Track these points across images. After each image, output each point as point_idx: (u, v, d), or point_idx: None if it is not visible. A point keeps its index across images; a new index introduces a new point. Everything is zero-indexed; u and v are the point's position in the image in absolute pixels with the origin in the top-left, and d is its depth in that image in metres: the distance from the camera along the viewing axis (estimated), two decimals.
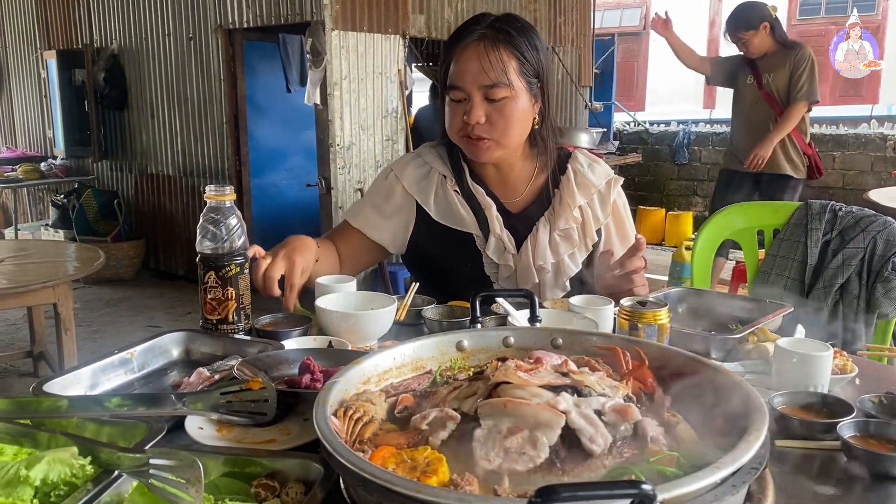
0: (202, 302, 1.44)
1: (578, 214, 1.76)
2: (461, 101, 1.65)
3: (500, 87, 1.61)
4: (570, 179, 1.77)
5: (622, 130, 9.40)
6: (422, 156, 1.85)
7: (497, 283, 1.76)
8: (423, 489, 0.69)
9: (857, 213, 2.33)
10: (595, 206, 1.78)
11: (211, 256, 1.42)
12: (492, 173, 1.80)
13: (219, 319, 1.43)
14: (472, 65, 1.61)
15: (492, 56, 1.61)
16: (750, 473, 0.74)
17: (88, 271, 3.67)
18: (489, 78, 1.61)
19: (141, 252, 6.88)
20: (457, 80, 1.64)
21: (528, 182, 1.80)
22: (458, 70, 1.63)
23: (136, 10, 6.64)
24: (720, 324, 1.55)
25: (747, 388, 0.87)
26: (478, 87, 1.62)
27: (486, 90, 1.62)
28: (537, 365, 0.96)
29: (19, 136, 8.70)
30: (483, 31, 1.63)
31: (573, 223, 1.75)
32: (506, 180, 1.80)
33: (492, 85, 1.61)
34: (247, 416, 1.03)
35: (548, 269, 1.74)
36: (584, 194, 1.77)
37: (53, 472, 0.80)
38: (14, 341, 5.10)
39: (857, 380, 1.28)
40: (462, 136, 1.68)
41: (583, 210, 1.76)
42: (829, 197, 2.53)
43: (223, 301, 1.43)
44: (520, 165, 1.79)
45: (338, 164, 5.26)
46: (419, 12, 5.70)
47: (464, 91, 1.63)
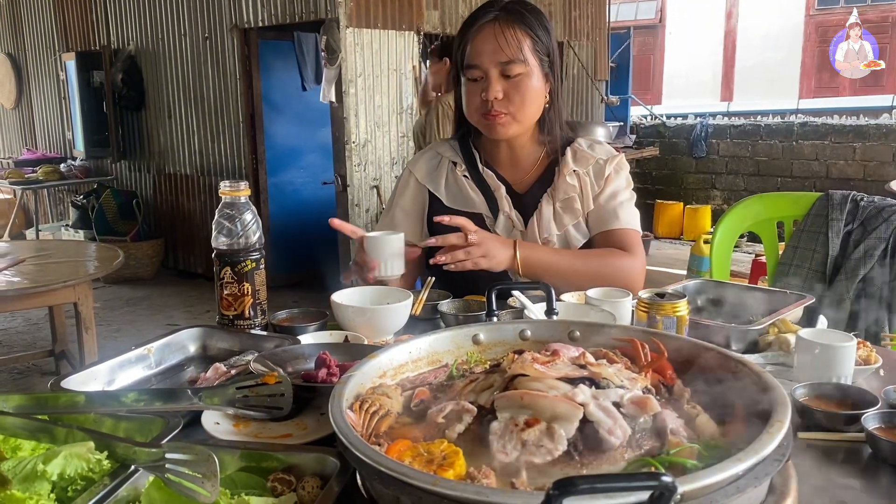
0: (218, 298, 1.44)
1: (575, 182, 1.79)
2: (478, 80, 1.71)
3: (516, 64, 1.67)
4: (568, 155, 1.82)
5: (639, 124, 9.33)
6: (434, 148, 1.95)
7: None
8: (440, 482, 0.69)
9: (879, 202, 2.29)
10: (591, 175, 1.81)
11: (226, 252, 1.42)
12: (503, 156, 1.85)
13: (235, 315, 1.44)
14: (488, 43, 1.68)
15: (507, 34, 1.67)
16: (773, 465, 0.73)
17: (108, 271, 3.70)
18: (505, 55, 1.67)
19: (160, 251, 6.94)
20: (474, 59, 1.69)
21: (535, 164, 1.85)
22: (474, 49, 1.70)
23: (153, 11, 6.69)
24: (740, 315, 1.53)
25: (769, 379, 0.86)
26: (494, 64, 1.68)
27: (503, 66, 1.68)
28: (554, 357, 0.95)
29: (39, 137, 8.79)
30: (497, 13, 1.70)
31: (572, 192, 1.79)
32: (515, 162, 1.85)
33: (508, 61, 1.67)
34: (263, 410, 1.03)
35: (554, 241, 1.78)
36: (580, 164, 1.81)
37: (70, 466, 0.80)
38: (36, 340, 5.16)
39: (881, 371, 1.26)
40: (480, 114, 1.73)
41: (580, 177, 1.80)
42: (849, 188, 2.49)
43: (239, 297, 1.43)
44: (529, 148, 1.85)
45: (353, 161, 5.27)
46: (433, 8, 5.69)
47: (480, 69, 1.69)
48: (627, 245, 1.75)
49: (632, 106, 9.07)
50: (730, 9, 13.32)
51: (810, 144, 8.14)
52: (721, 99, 12.76)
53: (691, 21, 13.67)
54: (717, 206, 8.57)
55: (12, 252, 3.88)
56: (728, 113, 9.49)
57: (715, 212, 8.40)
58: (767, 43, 12.97)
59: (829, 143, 8.04)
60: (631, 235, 1.77)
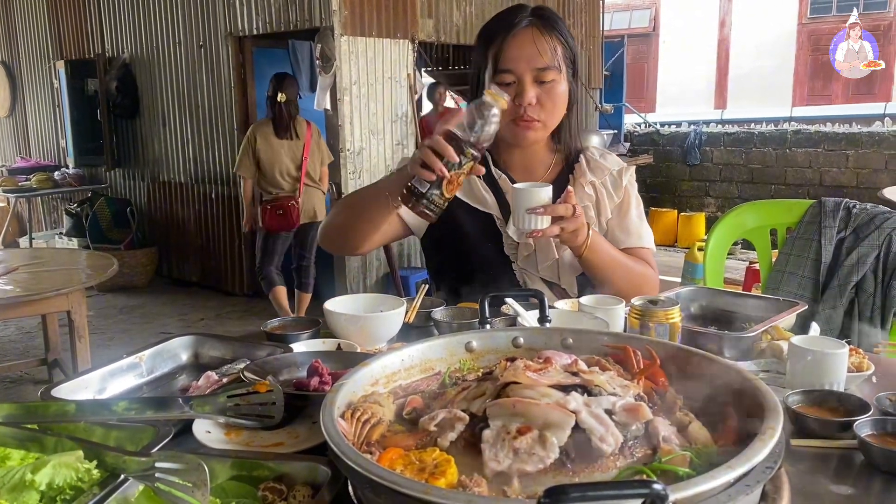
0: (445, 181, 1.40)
1: (592, 192, 1.81)
2: (509, 85, 1.69)
3: (551, 70, 1.68)
4: (583, 164, 1.84)
5: (633, 132, 9.37)
6: None
7: (516, 262, 1.79)
8: (432, 491, 0.68)
9: (872, 210, 2.30)
10: (608, 187, 1.83)
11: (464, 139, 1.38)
12: (516, 160, 1.85)
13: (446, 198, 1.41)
14: (525, 49, 1.67)
15: (546, 39, 1.68)
16: (764, 473, 0.73)
17: (102, 279, 3.68)
18: (543, 61, 1.67)
19: (154, 259, 6.92)
20: (508, 64, 1.68)
21: (547, 169, 1.86)
22: (510, 55, 1.69)
23: (147, 20, 6.69)
24: (733, 322, 1.53)
25: (761, 386, 0.86)
26: (530, 70, 1.68)
27: (538, 73, 1.68)
28: (547, 365, 0.95)
29: (33, 145, 8.78)
30: (531, 19, 1.71)
31: (587, 201, 1.80)
32: (528, 166, 1.85)
33: (545, 68, 1.67)
34: (254, 418, 1.03)
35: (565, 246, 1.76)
36: (596, 175, 1.83)
37: (59, 476, 0.80)
38: (29, 349, 5.13)
39: (874, 378, 1.26)
40: (511, 119, 1.72)
41: (596, 188, 1.82)
42: (842, 195, 2.50)
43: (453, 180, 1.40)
44: (542, 153, 1.86)
45: (348, 168, 5.27)
46: (428, 17, 5.70)
47: (514, 74, 1.68)
48: (649, 263, 1.80)
49: (626, 114, 9.10)
50: (723, 17, 13.40)
51: (803, 152, 8.18)
52: (715, 107, 12.83)
53: (685, 30, 13.74)
54: (710, 214, 8.60)
55: (5, 260, 3.87)
56: (722, 121, 9.55)
57: (709, 219, 8.42)
58: (761, 51, 13.06)
59: (823, 151, 8.08)
60: (650, 255, 1.83)
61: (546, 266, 1.77)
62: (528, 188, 1.56)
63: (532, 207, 1.52)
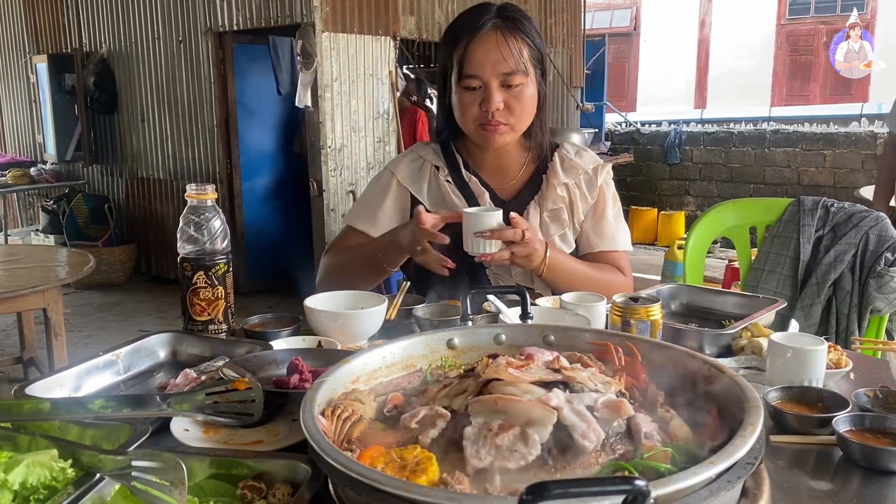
0: (189, 304, 1.42)
1: (564, 193, 1.79)
2: (475, 90, 1.67)
3: (517, 74, 1.66)
4: (557, 164, 1.81)
5: (614, 131, 9.40)
6: (416, 151, 1.90)
7: (489, 268, 1.77)
8: (413, 488, 0.68)
9: (849, 209, 2.33)
10: (582, 187, 1.81)
11: (198, 257, 1.40)
12: (488, 162, 1.83)
13: (208, 320, 1.41)
14: (491, 53, 1.64)
15: (510, 44, 1.65)
16: (745, 469, 0.73)
17: (79, 276, 3.63)
18: (508, 66, 1.65)
19: (132, 257, 6.84)
20: (474, 70, 1.66)
21: (520, 169, 1.84)
22: (475, 59, 1.65)
23: (126, 14, 6.61)
24: (713, 320, 1.54)
25: (742, 382, 0.86)
26: (496, 74, 1.65)
27: (505, 77, 1.65)
28: (528, 361, 0.95)
29: (8, 141, 8.64)
30: (495, 21, 1.67)
31: (560, 203, 1.78)
32: (500, 168, 1.83)
33: (511, 72, 1.65)
34: (233, 416, 1.01)
35: None
36: (569, 175, 1.81)
37: (33, 475, 0.78)
38: (4, 347, 5.06)
39: (852, 374, 1.28)
40: (478, 124, 1.70)
41: (569, 189, 1.80)
42: (820, 194, 2.52)
43: (213, 301, 1.41)
44: (515, 153, 1.83)
45: (329, 165, 5.24)
46: (410, 14, 5.69)
47: (480, 79, 1.66)
48: (622, 267, 1.80)
49: (607, 113, 9.13)
50: (703, 17, 13.49)
51: (782, 151, 8.25)
52: (695, 106, 12.90)
53: (665, 29, 13.83)
54: (690, 212, 8.66)
55: None
56: (701, 120, 9.60)
57: (688, 218, 8.48)
58: (740, 52, 13.16)
59: (801, 151, 8.16)
60: (625, 258, 1.82)
61: (519, 272, 1.76)
62: (477, 213, 1.56)
63: (479, 232, 1.52)
